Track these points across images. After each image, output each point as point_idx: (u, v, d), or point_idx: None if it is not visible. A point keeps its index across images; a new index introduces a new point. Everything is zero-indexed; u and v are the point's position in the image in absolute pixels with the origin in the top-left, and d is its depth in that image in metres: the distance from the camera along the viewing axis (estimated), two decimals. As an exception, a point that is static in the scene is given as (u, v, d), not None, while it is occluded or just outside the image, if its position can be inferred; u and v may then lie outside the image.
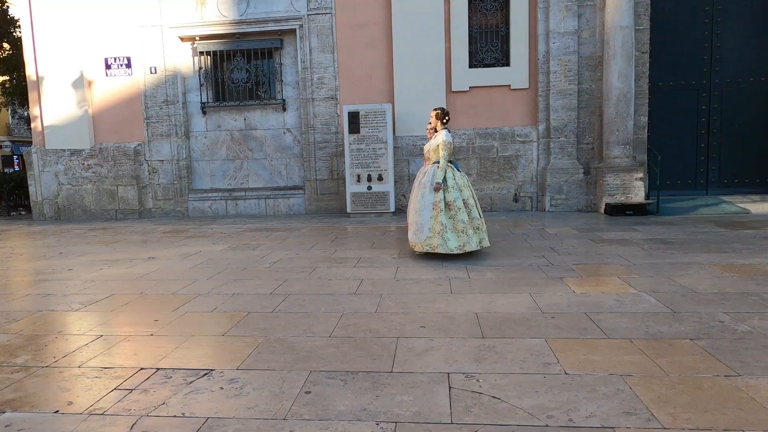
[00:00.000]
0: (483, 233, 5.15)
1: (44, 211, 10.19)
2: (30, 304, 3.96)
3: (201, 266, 5.17)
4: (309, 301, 3.78)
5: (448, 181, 5.10)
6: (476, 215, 5.13)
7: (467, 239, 5.01)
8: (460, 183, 5.14)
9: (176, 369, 2.62)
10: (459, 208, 5.04)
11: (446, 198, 5.07)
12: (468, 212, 5.08)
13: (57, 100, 9.91)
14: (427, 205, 5.09)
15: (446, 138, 5.12)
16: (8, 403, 2.30)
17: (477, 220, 5.12)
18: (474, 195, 5.25)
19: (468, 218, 5.05)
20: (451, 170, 5.16)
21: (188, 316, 3.51)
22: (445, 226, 5.02)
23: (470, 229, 5.04)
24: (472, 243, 5.03)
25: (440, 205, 5.03)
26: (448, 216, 5.05)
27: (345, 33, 9.31)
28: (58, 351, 2.92)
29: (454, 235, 5.02)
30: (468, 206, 5.10)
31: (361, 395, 2.28)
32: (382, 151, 8.74)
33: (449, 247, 4.98)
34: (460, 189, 5.11)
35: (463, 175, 5.26)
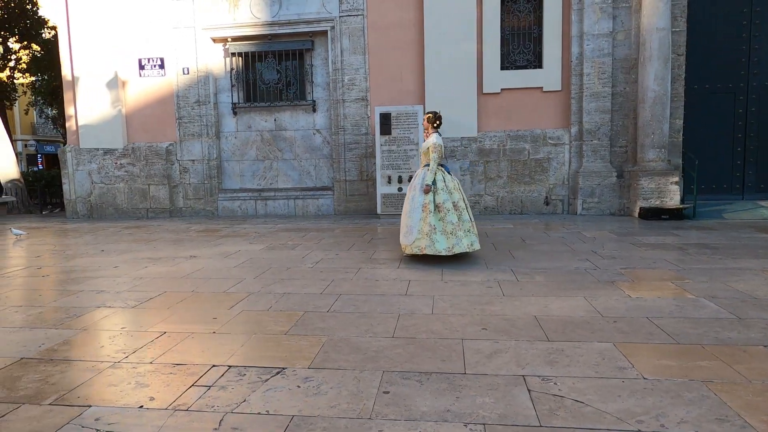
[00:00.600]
0: (473, 236, 5.13)
1: (77, 209, 10.35)
2: (86, 300, 4.02)
3: (244, 265, 5.21)
4: (362, 302, 3.78)
5: (437, 183, 5.12)
6: (467, 218, 5.13)
7: (456, 241, 5.00)
8: (450, 186, 5.15)
9: (248, 367, 2.64)
10: (448, 210, 5.05)
11: (436, 200, 5.08)
12: (458, 215, 5.08)
13: (91, 99, 10.07)
14: (417, 207, 5.11)
15: (436, 141, 5.14)
16: (88, 397, 2.34)
17: (467, 223, 5.11)
18: (465, 198, 5.26)
19: (458, 220, 5.06)
20: (441, 173, 5.19)
21: (245, 315, 3.53)
22: (434, 228, 5.02)
23: (460, 231, 5.04)
24: (461, 245, 5.01)
25: (430, 207, 5.05)
26: (438, 218, 5.06)
27: (376, 34, 9.33)
28: (125, 347, 2.95)
29: (443, 237, 5.02)
30: (458, 208, 5.10)
31: (441, 396, 2.27)
32: (412, 153, 8.73)
33: (437, 248, 4.98)
34: (450, 191, 5.12)
35: (453, 178, 5.28)
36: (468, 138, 9.17)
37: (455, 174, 9.14)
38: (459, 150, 9.20)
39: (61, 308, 3.79)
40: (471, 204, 9.21)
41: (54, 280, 4.79)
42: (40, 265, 5.46)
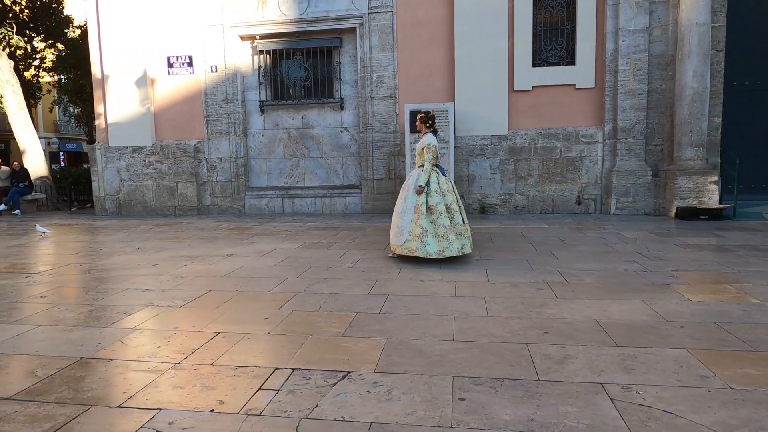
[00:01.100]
0: (465, 239, 5.03)
1: (106, 206, 10.44)
2: (132, 298, 4.00)
3: (283, 265, 5.16)
4: (412, 303, 3.71)
5: (431, 185, 5.02)
6: (459, 221, 5.03)
7: (447, 244, 4.91)
8: (444, 188, 5.05)
9: (312, 370, 2.57)
10: (440, 213, 4.96)
11: (429, 202, 4.99)
12: (450, 217, 4.99)
13: (120, 98, 10.13)
14: (409, 208, 5.03)
15: (430, 142, 5.05)
16: (156, 400, 2.29)
17: (459, 226, 5.01)
18: (459, 201, 5.15)
19: (450, 223, 4.96)
20: (435, 174, 5.08)
21: (296, 315, 3.48)
22: (426, 230, 4.94)
23: (451, 234, 4.94)
24: (452, 248, 4.92)
25: (422, 209, 4.97)
26: (430, 220, 4.97)
27: (405, 31, 9.24)
28: (183, 347, 2.91)
29: (434, 240, 4.94)
30: (451, 211, 5.01)
31: (520, 404, 2.18)
32: (443, 151, 8.61)
33: (428, 251, 4.90)
34: (443, 193, 5.02)
35: (448, 180, 5.18)
36: (498, 136, 9.04)
37: (485, 171, 9.05)
38: (489, 148, 9.07)
39: (109, 306, 3.78)
40: (501, 203, 9.10)
41: (96, 277, 4.78)
42: (80, 263, 5.48)
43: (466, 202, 9.19)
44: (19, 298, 4.06)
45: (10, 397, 2.33)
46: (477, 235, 6.76)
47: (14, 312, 3.67)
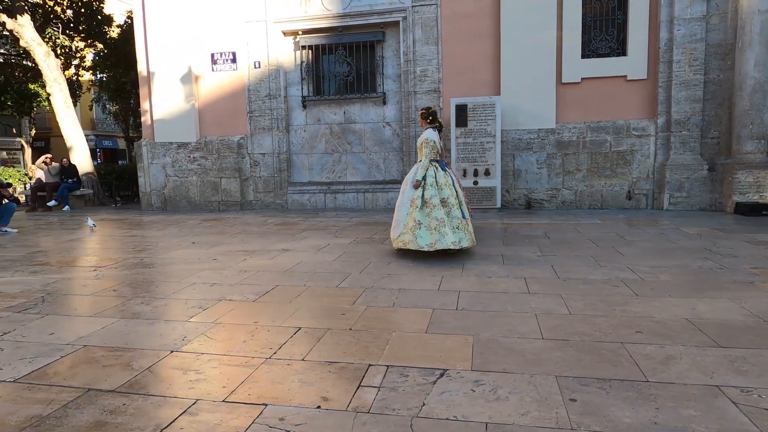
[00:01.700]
0: (462, 233, 4.96)
1: (152, 201, 10.63)
2: (203, 292, 4.03)
3: (342, 260, 5.14)
4: (487, 300, 3.63)
5: (427, 178, 5.06)
6: (457, 214, 4.98)
7: (439, 237, 4.87)
8: (441, 181, 5.06)
9: (406, 367, 2.53)
10: (434, 206, 4.96)
11: (424, 195, 5.02)
12: (447, 211, 4.97)
13: (166, 94, 10.28)
14: (406, 201, 5.10)
15: (428, 136, 5.12)
16: (259, 395, 2.28)
17: (457, 220, 4.97)
18: (459, 195, 5.11)
19: (446, 217, 4.94)
20: (433, 168, 5.11)
21: (372, 311, 3.44)
22: (419, 223, 4.96)
23: (446, 227, 4.90)
24: (444, 242, 4.85)
25: (417, 202, 5.01)
26: (424, 213, 4.99)
27: (450, 24, 9.11)
28: (269, 342, 2.91)
29: (427, 233, 4.93)
30: (447, 205, 4.99)
31: (637, 406, 2.09)
32: (489, 145, 8.49)
33: (419, 243, 4.90)
34: (439, 187, 5.03)
35: (447, 174, 5.17)
36: (545, 130, 8.85)
37: (531, 166, 8.87)
38: (535, 142, 8.90)
39: (183, 300, 3.81)
40: (547, 198, 8.92)
41: (161, 272, 4.85)
42: (141, 257, 5.57)
43: (511, 197, 9.04)
44: (93, 292, 4.13)
45: (114, 390, 2.35)
46: (529, 230, 6.64)
47: (93, 305, 3.73)
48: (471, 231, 5.10)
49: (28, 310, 3.63)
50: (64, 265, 5.29)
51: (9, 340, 3.02)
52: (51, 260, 5.55)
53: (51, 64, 12.58)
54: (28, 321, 3.38)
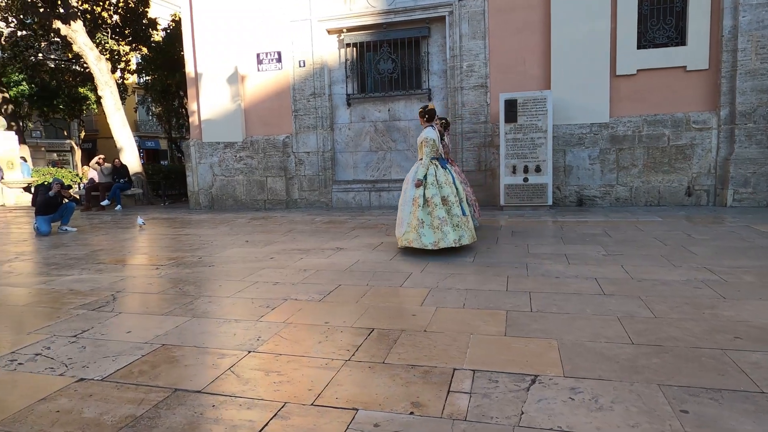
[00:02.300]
0: (463, 231, 5.09)
1: (200, 200, 10.83)
2: (268, 291, 4.02)
3: (399, 259, 5.07)
4: (561, 301, 3.49)
5: (428, 177, 5.13)
6: (457, 212, 5.09)
7: (442, 236, 4.99)
8: (442, 180, 5.14)
9: (494, 372, 2.43)
10: (436, 205, 5.05)
11: (426, 194, 5.10)
12: (447, 209, 5.07)
13: (213, 95, 10.45)
14: (408, 200, 5.19)
15: (427, 136, 5.15)
16: (347, 398, 2.22)
17: (457, 218, 5.08)
18: (459, 193, 5.21)
19: (447, 215, 5.04)
20: (434, 167, 5.18)
21: (444, 313, 3.35)
22: (422, 222, 5.06)
23: (448, 225, 5.01)
24: (447, 240, 4.98)
25: (419, 201, 5.09)
26: (426, 212, 5.08)
27: (497, 17, 8.91)
28: (344, 343, 2.85)
29: (431, 231, 5.03)
30: (448, 203, 5.08)
31: (759, 420, 1.93)
32: (540, 141, 8.26)
33: (423, 242, 5.01)
34: (440, 186, 5.11)
35: (448, 172, 5.25)
36: (598, 124, 8.55)
37: (583, 162, 8.59)
38: (588, 137, 8.60)
39: (250, 299, 3.81)
40: (600, 194, 8.63)
41: (222, 270, 4.89)
42: (200, 256, 5.64)
43: (562, 193, 8.79)
44: (160, 291, 4.18)
45: (201, 390, 2.33)
46: (587, 228, 6.41)
47: (162, 304, 3.77)
48: (471, 227, 5.22)
49: (102, 308, 3.70)
50: (127, 264, 5.40)
51: (89, 338, 3.07)
52: (113, 258, 5.69)
53: (102, 68, 12.99)
54: (103, 319, 3.44)
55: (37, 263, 5.57)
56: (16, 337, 3.12)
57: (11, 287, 4.47)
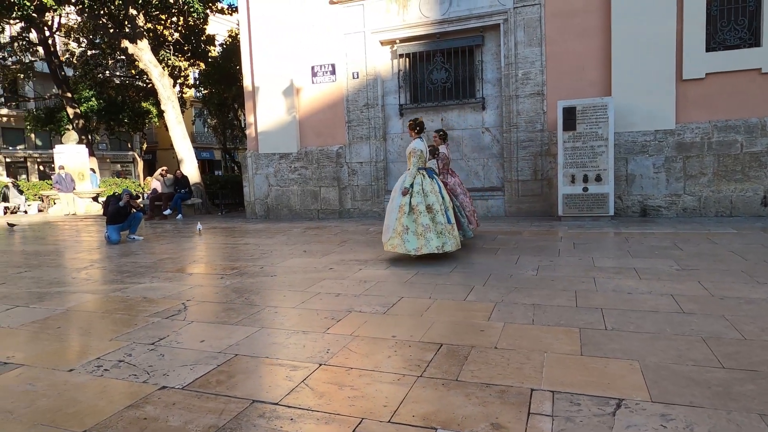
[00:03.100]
0: (446, 238, 5.31)
1: (255, 209, 11.13)
2: (331, 303, 4.05)
3: (459, 271, 5.00)
4: (637, 319, 3.32)
5: (414, 186, 5.39)
6: (441, 220, 5.32)
7: (425, 242, 5.25)
8: (427, 189, 5.39)
9: (574, 394, 2.33)
10: (421, 212, 5.31)
11: (411, 202, 5.35)
12: (432, 217, 5.31)
13: (269, 108, 10.75)
14: (395, 207, 5.44)
15: (416, 146, 5.48)
16: (425, 416, 2.18)
17: (441, 225, 5.31)
18: (445, 202, 5.45)
19: (431, 222, 5.30)
20: (420, 176, 5.44)
21: (513, 329, 3.26)
22: (407, 228, 5.32)
23: (431, 233, 5.27)
24: (429, 246, 5.23)
25: (405, 209, 5.35)
26: (411, 219, 5.34)
27: (554, 23, 8.72)
28: (413, 358, 2.82)
29: (414, 237, 5.30)
30: (432, 211, 5.33)
31: None
32: (601, 149, 7.99)
33: (407, 248, 5.30)
34: (425, 194, 5.36)
35: (434, 182, 5.49)
36: (663, 131, 8.18)
37: (647, 170, 8.24)
38: (652, 145, 8.25)
39: (314, 311, 3.85)
40: (666, 204, 8.24)
41: (284, 281, 4.97)
42: (261, 266, 5.77)
43: (624, 203, 8.45)
44: (227, 300, 4.30)
45: (278, 403, 2.36)
46: (654, 241, 6.12)
47: (231, 314, 3.87)
48: (456, 235, 5.45)
49: (174, 317, 3.83)
50: (192, 273, 5.60)
51: (166, 346, 3.19)
52: (179, 267, 5.92)
53: (165, 84, 13.64)
54: (177, 327, 3.57)
55: (110, 271, 5.87)
56: (99, 344, 3.28)
57: (90, 294, 4.72)
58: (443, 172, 6.64)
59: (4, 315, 4.07)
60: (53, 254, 7.34)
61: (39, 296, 4.67)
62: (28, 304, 4.40)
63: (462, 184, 6.86)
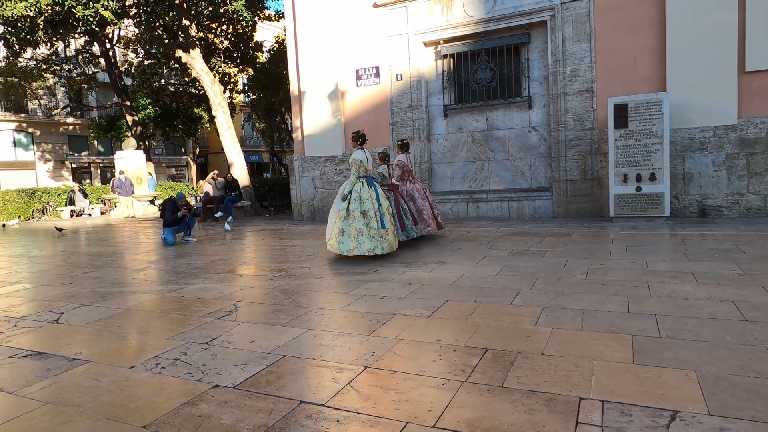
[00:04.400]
0: (378, 242, 5.81)
1: (302, 211, 11.37)
2: (375, 305, 4.09)
3: (506, 274, 4.94)
4: (695, 327, 3.18)
5: (352, 193, 5.93)
6: (374, 225, 5.83)
7: (357, 245, 5.78)
8: (364, 196, 5.90)
9: (626, 404, 2.26)
10: (356, 217, 5.84)
11: (349, 207, 5.87)
12: (366, 222, 5.82)
13: (315, 111, 10.95)
14: (334, 211, 6.04)
15: (356, 157, 6.04)
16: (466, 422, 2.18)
17: (373, 230, 5.82)
18: (380, 208, 5.92)
19: (365, 227, 5.80)
20: (359, 184, 5.98)
21: (560, 335, 3.19)
22: (342, 231, 5.86)
23: (363, 236, 5.79)
24: (361, 248, 5.78)
25: (342, 213, 5.89)
26: (348, 223, 5.86)
27: (604, 18, 8.45)
28: (458, 362, 2.81)
29: (348, 239, 5.82)
30: (367, 216, 5.84)
31: None
32: (655, 147, 7.67)
33: (341, 249, 5.85)
34: (362, 201, 5.88)
35: (372, 190, 5.98)
36: (723, 127, 7.77)
37: (706, 168, 7.85)
38: (711, 142, 7.84)
39: (360, 313, 3.90)
40: (727, 204, 7.83)
41: (329, 283, 5.06)
42: (308, 267, 5.90)
43: (681, 203, 8.08)
44: (276, 302, 4.42)
45: (324, 404, 2.42)
46: (714, 243, 5.82)
47: (280, 315, 3.98)
48: (390, 239, 5.93)
49: (226, 317, 3.98)
50: (243, 274, 5.79)
51: (218, 346, 3.32)
52: (230, 268, 6.13)
53: (216, 90, 14.14)
54: (229, 328, 3.70)
55: (166, 272, 6.15)
56: (157, 342, 3.45)
57: (148, 294, 4.97)
58: (403, 179, 7.39)
59: (71, 314, 4.35)
60: (114, 255, 7.77)
61: (102, 296, 4.96)
62: (92, 303, 4.69)
63: (424, 190, 7.47)
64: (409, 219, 6.90)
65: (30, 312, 4.47)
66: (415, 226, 6.97)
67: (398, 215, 6.68)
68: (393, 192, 6.85)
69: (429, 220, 7.21)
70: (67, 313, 4.38)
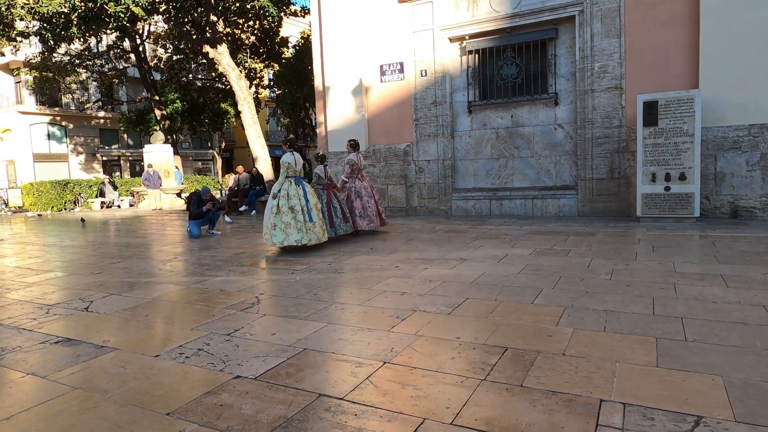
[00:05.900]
0: (304, 233, 6.42)
1: (325, 207, 11.43)
2: (395, 301, 4.10)
3: (528, 273, 4.89)
4: (723, 331, 3.10)
5: (281, 191, 6.49)
6: (301, 219, 6.43)
7: (286, 236, 6.38)
8: (292, 193, 6.48)
9: (648, 408, 2.22)
10: (284, 212, 6.42)
11: (279, 204, 6.45)
12: (294, 216, 6.41)
13: (339, 107, 10.99)
14: (268, 208, 6.60)
15: (284, 159, 6.60)
16: (484, 420, 2.17)
17: (300, 224, 6.42)
18: (307, 204, 6.53)
19: (293, 221, 6.40)
20: (287, 183, 6.54)
21: (582, 335, 3.15)
22: (274, 225, 6.43)
23: (292, 229, 6.38)
24: (289, 239, 6.38)
25: (274, 210, 6.48)
26: (278, 218, 6.44)
27: (634, 13, 8.25)
28: (478, 361, 2.81)
29: (280, 232, 6.40)
30: (294, 211, 6.42)
31: None
32: (686, 146, 7.47)
33: (273, 241, 6.44)
34: (289, 197, 6.46)
35: (299, 188, 6.55)
36: (759, 125, 7.52)
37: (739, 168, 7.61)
38: (745, 140, 7.60)
39: (380, 309, 3.92)
40: (761, 206, 7.64)
41: (351, 278, 5.09)
42: (329, 262, 5.94)
43: (712, 204, 7.86)
44: (297, 295, 4.47)
45: (343, 398, 2.44)
46: (747, 245, 5.65)
47: (301, 309, 4.03)
48: (317, 232, 6.57)
49: (248, 310, 4.05)
50: (265, 267, 5.87)
51: (241, 337, 3.38)
52: (253, 261, 6.22)
53: (242, 86, 14.32)
54: (251, 320, 3.76)
55: (191, 263, 6.28)
56: (181, 332, 3.53)
57: (174, 285, 5.08)
58: (352, 176, 7.88)
59: (101, 302, 4.48)
60: (142, 246, 7.96)
61: (130, 285, 5.10)
62: (120, 292, 4.82)
63: (370, 188, 8.02)
64: (338, 217, 7.45)
65: (61, 300, 4.62)
66: (345, 224, 7.50)
67: (328, 213, 7.29)
68: (327, 191, 7.44)
69: (373, 216, 7.85)
70: (96, 301, 4.51)
